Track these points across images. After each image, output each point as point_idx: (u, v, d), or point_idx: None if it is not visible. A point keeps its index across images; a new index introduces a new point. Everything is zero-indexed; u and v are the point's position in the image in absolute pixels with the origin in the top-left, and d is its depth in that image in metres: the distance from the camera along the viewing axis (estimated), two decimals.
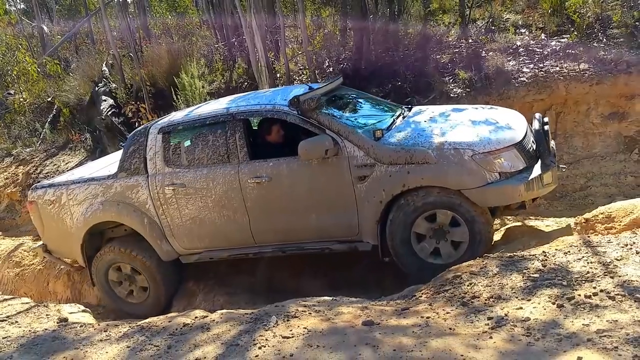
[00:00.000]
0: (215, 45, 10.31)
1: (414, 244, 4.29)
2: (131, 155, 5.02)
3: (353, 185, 4.33)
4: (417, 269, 4.29)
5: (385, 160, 4.22)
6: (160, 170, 4.90)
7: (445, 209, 4.14)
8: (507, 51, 7.28)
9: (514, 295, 3.00)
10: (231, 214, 4.73)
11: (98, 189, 5.13)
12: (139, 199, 4.97)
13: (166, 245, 5.04)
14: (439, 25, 8.73)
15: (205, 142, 4.75)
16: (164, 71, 9.14)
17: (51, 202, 5.38)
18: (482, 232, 4.11)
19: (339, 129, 4.39)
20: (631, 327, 2.42)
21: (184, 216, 4.88)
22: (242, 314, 3.28)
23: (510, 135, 4.26)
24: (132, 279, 5.36)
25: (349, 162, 4.32)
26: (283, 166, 4.54)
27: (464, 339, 2.56)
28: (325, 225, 4.53)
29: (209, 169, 4.72)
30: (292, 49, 9.53)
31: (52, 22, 15.35)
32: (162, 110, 8.31)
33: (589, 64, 6.50)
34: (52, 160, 8.74)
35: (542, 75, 6.63)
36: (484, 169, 4.02)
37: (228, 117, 4.71)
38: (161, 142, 4.91)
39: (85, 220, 5.16)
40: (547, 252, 3.47)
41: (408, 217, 4.21)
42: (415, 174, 4.12)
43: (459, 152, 4.07)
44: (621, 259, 3.13)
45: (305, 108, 4.40)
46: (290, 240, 4.72)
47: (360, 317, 2.98)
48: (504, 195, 4.08)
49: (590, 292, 2.82)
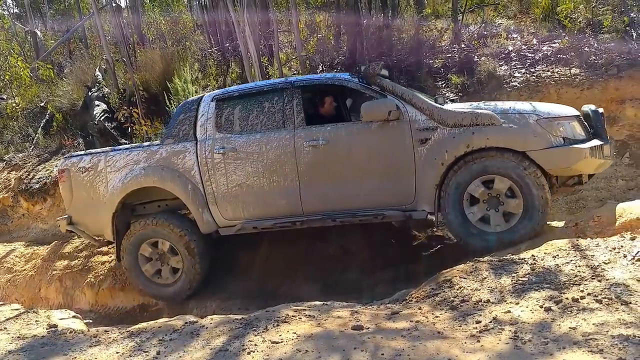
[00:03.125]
0: (209, 50, 10.32)
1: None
2: (181, 122, 5.09)
3: (413, 148, 4.39)
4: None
5: (450, 122, 4.31)
6: (210, 136, 4.95)
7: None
8: (499, 56, 7.32)
9: (502, 299, 3.02)
10: (281, 179, 4.73)
11: (141, 155, 5.16)
12: (185, 165, 4.99)
13: (207, 214, 5.00)
14: (432, 30, 8.77)
15: (260, 109, 4.85)
16: (157, 76, 9.11)
17: (86, 169, 5.34)
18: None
19: (402, 93, 4.52)
20: (617, 329, 2.44)
21: (231, 182, 4.88)
22: (232, 320, 3.27)
23: (568, 110, 4.46)
24: (165, 257, 5.27)
25: (410, 125, 4.41)
26: (341, 130, 4.63)
27: (453, 342, 2.57)
28: (381, 191, 4.53)
29: (263, 134, 4.78)
30: (286, 53, 9.55)
31: (46, 27, 15.31)
32: (155, 115, 8.31)
33: (580, 68, 6.55)
34: (44, 166, 8.69)
35: (534, 80, 6.67)
36: (549, 132, 4.14)
37: (287, 85, 4.86)
38: (214, 109, 5.00)
39: (124, 186, 5.12)
40: (536, 256, 3.49)
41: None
42: (480, 134, 4.20)
43: (524, 116, 4.20)
44: (609, 262, 3.15)
45: (368, 73, 4.55)
46: (341, 208, 4.68)
47: (351, 321, 2.98)
48: (570, 157, 4.13)
49: (578, 295, 2.84)
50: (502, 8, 8.74)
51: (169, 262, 5.28)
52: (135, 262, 5.32)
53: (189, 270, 5.17)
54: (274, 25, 8.39)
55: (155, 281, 5.35)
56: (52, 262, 6.73)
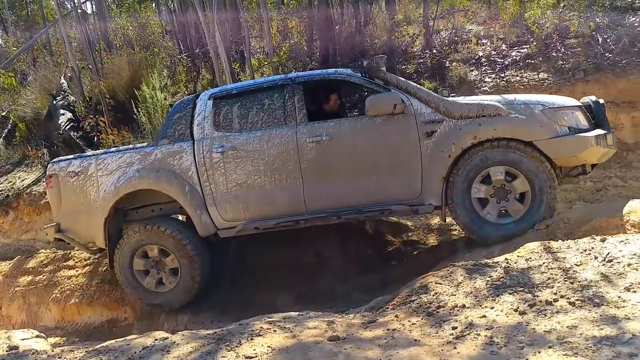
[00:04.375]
0: (179, 56, 10.17)
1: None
2: (176, 122, 4.97)
3: (419, 141, 4.39)
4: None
5: (456, 114, 4.33)
6: (208, 135, 4.83)
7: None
8: (469, 61, 7.43)
9: (478, 303, 2.99)
10: (284, 177, 4.65)
11: (134, 157, 4.99)
12: (182, 166, 4.86)
13: (206, 216, 4.84)
14: (404, 36, 8.84)
15: (260, 106, 4.77)
16: (124, 83, 8.93)
17: (75, 173, 5.14)
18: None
19: (406, 86, 4.51)
20: (591, 331, 2.44)
21: (230, 182, 4.76)
22: (204, 335, 3.16)
23: (570, 100, 4.54)
24: (160, 263, 5.07)
25: (415, 118, 4.40)
26: (345, 125, 4.59)
27: (430, 349, 2.53)
28: (386, 186, 4.49)
29: (264, 131, 4.69)
30: (258, 59, 9.48)
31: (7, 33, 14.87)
32: (122, 123, 8.14)
33: (548, 73, 6.69)
34: (6, 177, 8.40)
35: (504, 85, 6.77)
36: (555, 122, 4.20)
37: (287, 81, 4.79)
38: (212, 107, 4.90)
39: (117, 189, 4.94)
40: (509, 259, 3.49)
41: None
42: (487, 125, 4.23)
43: (529, 107, 4.26)
44: (580, 264, 3.17)
45: (372, 67, 4.55)
46: (345, 205, 4.60)
47: (327, 332, 2.91)
48: (577, 146, 4.19)
49: (552, 297, 2.84)
50: (472, 14, 8.86)
51: (165, 266, 5.08)
52: (132, 276, 5.11)
53: (187, 276, 4.99)
54: (246, 31, 8.32)
55: (159, 291, 5.14)
56: (14, 277, 6.46)
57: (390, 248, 5.91)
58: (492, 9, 8.77)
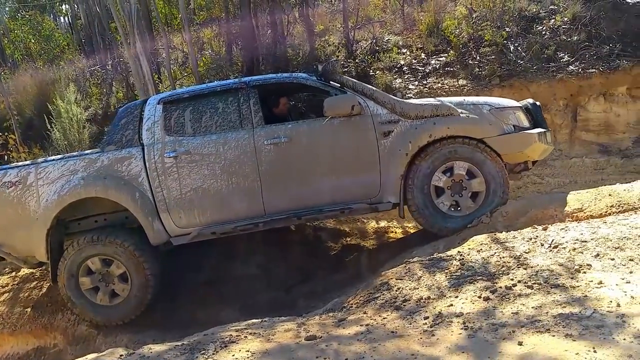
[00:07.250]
0: (89, 69, 9.63)
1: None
2: (123, 127, 4.80)
3: (377, 141, 4.50)
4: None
5: (412, 114, 4.51)
6: (159, 140, 4.68)
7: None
8: (392, 70, 7.70)
9: (442, 294, 3.06)
10: (241, 180, 4.58)
11: (78, 164, 4.71)
12: (131, 172, 4.64)
13: (158, 223, 4.62)
14: (325, 46, 8.97)
15: (214, 110, 4.72)
16: (31, 99, 8.38)
17: (12, 184, 4.73)
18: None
19: (362, 88, 4.65)
20: (556, 309, 2.57)
21: (184, 187, 4.60)
22: (174, 346, 2.93)
23: (512, 102, 4.94)
24: (106, 275, 4.72)
25: (372, 119, 4.53)
26: (303, 127, 4.66)
27: (410, 339, 2.55)
28: (346, 185, 4.55)
29: (219, 135, 4.64)
30: (174, 70, 9.19)
31: None
32: (33, 141, 7.56)
33: (467, 79, 7.12)
34: None
35: (427, 91, 7.10)
36: (501, 121, 4.53)
37: (241, 85, 4.77)
38: (162, 111, 4.76)
39: (60, 199, 4.59)
40: (462, 252, 3.62)
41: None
42: (441, 124, 4.45)
43: (478, 107, 4.57)
44: (529, 251, 3.35)
45: (327, 70, 4.65)
46: (305, 205, 4.61)
47: (301, 332, 2.84)
48: (522, 141, 4.53)
49: (510, 283, 2.97)
50: (389, 25, 9.21)
51: (112, 276, 4.75)
52: (76, 284, 4.72)
53: (140, 286, 4.71)
54: (165, 41, 8.04)
55: (114, 303, 4.79)
56: None
57: (331, 253, 5.93)
58: (406, 20, 9.16)
